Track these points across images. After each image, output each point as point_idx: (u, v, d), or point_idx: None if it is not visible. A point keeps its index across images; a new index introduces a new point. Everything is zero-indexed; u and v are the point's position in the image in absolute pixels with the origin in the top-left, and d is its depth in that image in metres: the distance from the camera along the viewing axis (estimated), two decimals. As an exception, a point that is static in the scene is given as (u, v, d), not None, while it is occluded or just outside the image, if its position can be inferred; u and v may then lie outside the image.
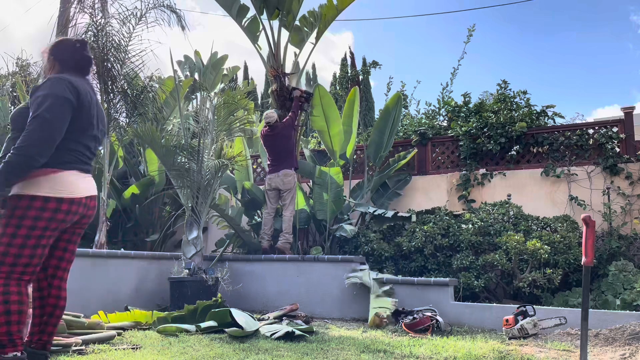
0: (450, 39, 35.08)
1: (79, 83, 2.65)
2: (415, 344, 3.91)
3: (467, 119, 7.82)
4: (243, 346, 3.65)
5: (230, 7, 7.39)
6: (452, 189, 7.55)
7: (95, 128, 2.71)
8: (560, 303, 5.75)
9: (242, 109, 6.95)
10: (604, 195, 6.69)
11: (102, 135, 2.80)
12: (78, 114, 2.60)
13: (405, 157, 7.62)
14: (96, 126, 2.72)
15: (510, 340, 4.30)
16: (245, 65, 17.92)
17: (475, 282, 5.95)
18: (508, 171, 7.31)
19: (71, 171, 2.58)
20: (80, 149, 2.64)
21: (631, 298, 5.35)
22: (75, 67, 2.73)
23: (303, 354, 3.44)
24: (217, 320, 4.29)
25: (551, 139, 7.18)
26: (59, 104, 2.50)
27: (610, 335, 4.10)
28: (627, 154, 6.76)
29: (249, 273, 6.33)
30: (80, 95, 2.59)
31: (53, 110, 2.47)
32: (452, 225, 6.50)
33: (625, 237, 6.34)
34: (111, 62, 6.54)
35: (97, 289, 5.09)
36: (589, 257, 2.99)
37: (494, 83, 15.53)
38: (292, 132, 6.77)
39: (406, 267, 6.53)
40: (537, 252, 5.71)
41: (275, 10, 7.34)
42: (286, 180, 6.50)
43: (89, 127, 2.66)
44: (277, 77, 7.30)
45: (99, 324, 3.93)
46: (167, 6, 6.78)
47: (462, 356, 3.51)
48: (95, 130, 2.71)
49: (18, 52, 19.24)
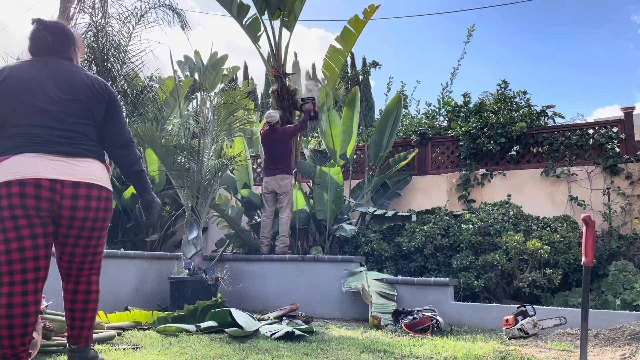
0: (450, 39, 35.13)
1: (19, 65, 2.51)
2: (415, 344, 3.91)
3: (467, 119, 7.82)
4: (243, 346, 3.65)
5: (231, 6, 7.37)
6: (452, 189, 7.56)
7: (40, 101, 2.43)
8: (560, 303, 5.76)
9: (242, 109, 6.95)
10: (604, 195, 6.69)
11: (61, 106, 2.46)
12: (4, 99, 2.41)
13: (405, 158, 7.63)
14: (40, 99, 2.43)
15: (510, 340, 4.30)
16: (245, 65, 17.95)
17: (475, 282, 5.95)
18: (508, 171, 7.31)
19: (24, 154, 2.34)
20: (27, 131, 2.38)
21: (631, 298, 5.35)
22: (31, 48, 2.60)
23: (303, 354, 3.44)
24: (217, 320, 4.29)
25: (551, 139, 7.18)
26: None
27: (610, 335, 4.10)
28: (627, 154, 6.76)
29: (249, 273, 6.33)
30: (6, 79, 2.43)
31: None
32: (452, 226, 6.50)
33: (625, 237, 6.34)
34: (111, 62, 6.55)
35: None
36: (589, 257, 3.00)
37: (494, 83, 15.59)
38: (292, 137, 6.76)
39: (406, 267, 6.53)
40: (537, 252, 5.71)
41: (276, 11, 7.34)
42: (282, 183, 6.50)
43: (27, 103, 2.41)
44: (277, 77, 7.30)
45: (99, 324, 3.93)
46: (168, 6, 6.79)
47: (462, 356, 3.51)
48: (41, 103, 2.43)
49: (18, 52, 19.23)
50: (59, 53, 2.61)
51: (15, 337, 2.28)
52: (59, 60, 2.60)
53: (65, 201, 2.39)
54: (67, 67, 2.60)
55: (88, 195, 2.46)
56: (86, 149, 2.51)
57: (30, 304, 2.34)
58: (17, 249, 2.32)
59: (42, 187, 2.33)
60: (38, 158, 2.35)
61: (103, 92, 2.62)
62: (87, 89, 2.56)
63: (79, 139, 2.50)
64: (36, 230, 2.36)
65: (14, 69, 2.50)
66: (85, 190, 2.45)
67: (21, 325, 2.29)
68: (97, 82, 2.64)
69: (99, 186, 2.52)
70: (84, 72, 2.66)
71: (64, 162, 2.41)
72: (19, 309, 2.29)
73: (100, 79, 2.71)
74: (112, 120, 2.67)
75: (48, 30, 2.59)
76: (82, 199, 2.44)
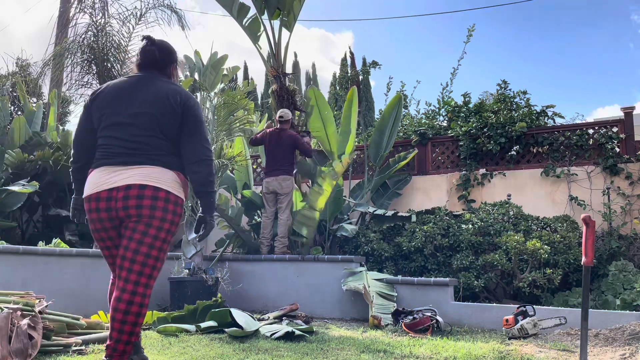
0: (450, 39, 35.10)
1: (118, 81, 2.75)
2: (415, 344, 3.91)
3: (467, 119, 7.82)
4: (243, 346, 3.65)
5: (231, 6, 7.36)
6: (452, 189, 7.56)
7: (119, 115, 2.61)
8: (560, 303, 5.76)
9: (242, 109, 6.94)
10: (604, 195, 6.69)
11: (134, 119, 2.60)
12: (95, 112, 2.68)
13: (405, 158, 7.62)
14: (119, 113, 2.61)
15: (510, 340, 4.30)
16: (245, 66, 17.94)
17: (475, 282, 5.95)
18: (508, 171, 7.31)
19: (98, 168, 2.60)
20: (106, 142, 2.62)
21: (631, 298, 5.35)
22: (139, 62, 2.80)
23: (303, 354, 3.44)
24: (217, 320, 4.29)
25: (551, 139, 7.18)
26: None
27: (610, 335, 4.11)
28: (627, 154, 6.76)
29: (249, 273, 6.33)
30: (100, 94, 2.70)
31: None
32: (452, 226, 6.50)
33: (625, 237, 6.34)
34: (111, 62, 6.55)
35: (97, 289, 5.08)
36: (589, 257, 3.00)
37: (494, 83, 15.57)
38: (296, 148, 6.72)
39: (406, 267, 6.53)
40: (537, 252, 5.71)
41: (276, 10, 7.30)
42: (285, 184, 6.49)
43: (109, 116, 2.62)
44: (277, 77, 7.28)
45: (99, 324, 3.93)
46: (167, 6, 6.79)
47: (462, 356, 3.51)
48: (120, 117, 2.60)
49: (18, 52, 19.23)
50: (162, 68, 2.79)
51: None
52: (158, 75, 2.76)
53: (119, 203, 2.52)
54: (159, 83, 2.71)
55: (140, 194, 2.51)
56: (150, 157, 2.59)
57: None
58: (106, 255, 2.72)
59: (101, 199, 2.55)
60: (103, 172, 2.57)
61: (176, 106, 2.65)
62: (162, 103, 2.64)
63: (143, 149, 2.59)
64: (105, 236, 2.64)
65: (110, 85, 2.72)
66: (137, 190, 2.52)
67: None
68: (174, 96, 2.66)
69: (155, 187, 2.54)
70: (172, 87, 2.72)
71: (123, 171, 2.55)
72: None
73: (183, 93, 2.71)
74: (186, 135, 2.68)
75: (156, 47, 2.78)
76: (133, 199, 2.51)
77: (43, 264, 4.77)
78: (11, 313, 3.00)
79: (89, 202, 2.58)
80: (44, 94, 10.41)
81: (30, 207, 6.94)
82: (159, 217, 2.53)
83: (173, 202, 2.59)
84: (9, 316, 2.96)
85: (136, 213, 2.50)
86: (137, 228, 2.51)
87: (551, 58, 32.78)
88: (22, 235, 6.85)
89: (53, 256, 4.90)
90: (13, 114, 9.74)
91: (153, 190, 2.53)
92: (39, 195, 6.86)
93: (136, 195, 2.50)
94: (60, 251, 5.01)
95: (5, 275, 4.45)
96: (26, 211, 6.98)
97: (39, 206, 7.06)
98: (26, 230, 7.01)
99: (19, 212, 6.82)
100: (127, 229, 2.53)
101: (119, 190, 2.51)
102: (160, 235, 2.54)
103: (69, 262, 4.99)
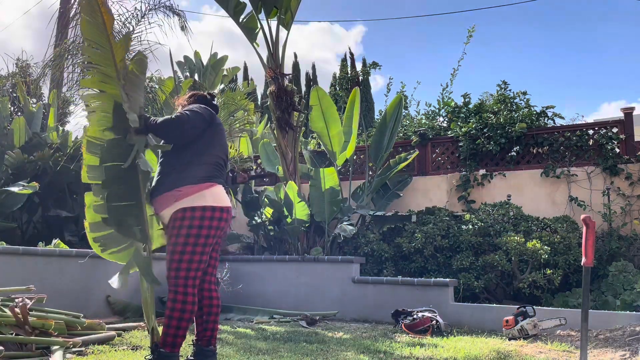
0: (450, 39, 35.05)
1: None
2: (415, 345, 3.91)
3: (467, 120, 7.82)
4: (243, 346, 3.65)
5: (227, 4, 7.23)
6: (452, 190, 7.55)
7: (223, 147, 3.13)
8: (560, 304, 5.75)
9: (242, 110, 6.94)
10: (603, 195, 6.69)
11: (225, 150, 3.17)
12: (213, 127, 3.06)
13: (406, 159, 7.61)
14: (224, 144, 3.16)
15: (510, 341, 4.30)
16: (245, 66, 17.87)
17: (475, 283, 5.95)
18: (508, 172, 7.31)
19: (218, 185, 2.95)
20: (218, 161, 3.05)
21: (631, 299, 5.35)
22: (213, 110, 3.22)
23: (303, 355, 3.44)
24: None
25: (551, 140, 7.18)
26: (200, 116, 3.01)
27: (610, 336, 4.11)
28: (627, 155, 6.76)
29: (249, 273, 6.33)
30: (215, 118, 3.13)
31: (192, 117, 2.95)
32: (452, 226, 6.50)
33: (625, 237, 6.34)
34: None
35: (97, 289, 5.08)
36: (589, 258, 2.99)
37: (494, 84, 15.57)
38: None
39: (406, 268, 6.53)
40: (537, 253, 5.71)
41: (273, 9, 7.16)
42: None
43: (221, 140, 3.10)
44: (275, 78, 7.15)
45: (99, 324, 3.93)
46: (168, 7, 6.79)
47: (462, 357, 3.51)
48: (223, 148, 3.12)
49: (18, 52, 19.24)
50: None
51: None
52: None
53: (229, 222, 3.01)
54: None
55: (228, 216, 3.01)
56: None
57: (196, 303, 2.92)
58: (198, 260, 2.83)
59: (229, 213, 2.98)
60: (223, 190, 2.99)
61: None
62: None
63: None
64: (213, 243, 2.92)
65: (218, 119, 3.19)
66: (227, 212, 2.99)
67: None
68: None
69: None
70: None
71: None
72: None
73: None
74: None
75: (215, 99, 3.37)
76: (230, 220, 3.05)
77: (43, 265, 4.77)
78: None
79: (222, 212, 2.88)
80: (44, 94, 10.41)
81: (30, 208, 6.93)
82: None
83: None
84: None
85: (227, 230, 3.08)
86: (219, 241, 3.04)
87: (552, 57, 32.71)
88: (22, 236, 6.84)
89: (53, 257, 4.89)
90: (13, 115, 9.74)
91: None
92: (38, 196, 6.85)
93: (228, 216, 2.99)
94: (60, 252, 5.00)
95: (5, 276, 4.44)
96: (26, 212, 6.97)
97: (39, 207, 7.05)
98: (26, 231, 7.00)
99: (19, 212, 6.81)
100: (217, 244, 3.03)
101: (230, 212, 2.99)
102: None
103: (69, 263, 4.98)
